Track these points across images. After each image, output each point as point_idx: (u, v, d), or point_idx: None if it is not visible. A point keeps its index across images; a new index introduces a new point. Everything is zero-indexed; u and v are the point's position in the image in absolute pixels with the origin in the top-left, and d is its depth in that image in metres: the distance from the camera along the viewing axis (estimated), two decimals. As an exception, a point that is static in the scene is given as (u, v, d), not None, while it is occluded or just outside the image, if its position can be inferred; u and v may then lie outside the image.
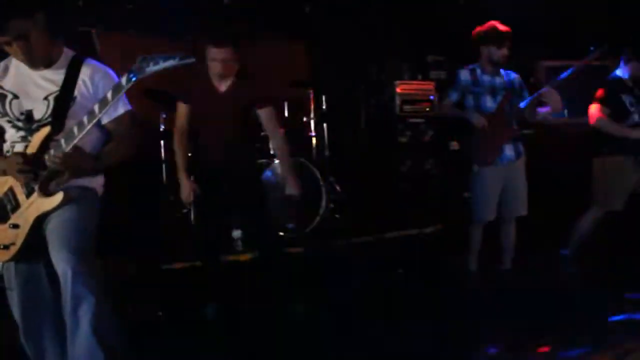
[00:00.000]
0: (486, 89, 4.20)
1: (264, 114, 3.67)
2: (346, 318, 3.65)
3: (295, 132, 5.36)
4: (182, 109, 3.62)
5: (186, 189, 3.60)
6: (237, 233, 4.43)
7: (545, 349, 2.99)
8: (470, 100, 4.22)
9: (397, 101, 6.12)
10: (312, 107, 5.63)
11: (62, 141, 2.18)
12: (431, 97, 6.30)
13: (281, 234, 4.71)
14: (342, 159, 5.93)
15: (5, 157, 2.31)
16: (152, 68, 2.06)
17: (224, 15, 6.07)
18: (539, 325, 3.30)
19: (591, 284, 4.26)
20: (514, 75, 4.30)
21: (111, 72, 2.42)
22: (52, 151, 2.19)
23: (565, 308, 3.70)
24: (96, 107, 2.13)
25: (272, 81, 5.12)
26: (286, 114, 5.53)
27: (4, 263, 2.35)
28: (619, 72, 4.49)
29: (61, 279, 2.10)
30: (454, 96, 4.25)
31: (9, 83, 2.34)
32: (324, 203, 4.90)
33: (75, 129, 2.16)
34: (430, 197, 6.01)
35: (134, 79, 2.07)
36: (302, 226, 4.83)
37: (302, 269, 4.38)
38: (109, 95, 2.11)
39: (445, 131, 6.31)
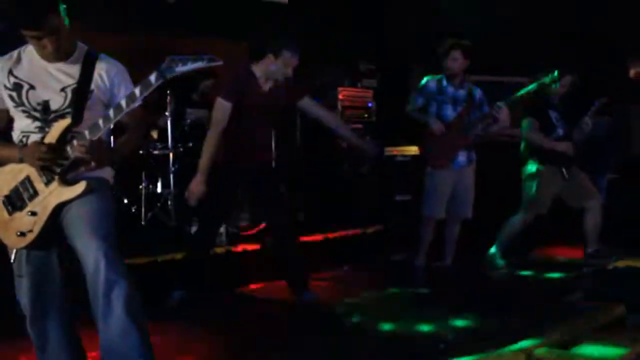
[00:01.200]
0: (449, 99, 4.58)
1: (308, 102, 3.90)
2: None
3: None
4: (224, 106, 3.62)
5: (200, 187, 3.62)
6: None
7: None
8: (433, 107, 4.58)
9: (339, 107, 6.39)
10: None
11: (87, 132, 2.25)
12: (369, 104, 6.63)
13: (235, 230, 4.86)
14: (285, 161, 6.11)
15: (24, 146, 2.33)
16: (181, 68, 2.18)
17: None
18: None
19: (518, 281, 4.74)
20: (477, 91, 4.69)
21: (123, 67, 2.51)
22: (74, 142, 2.27)
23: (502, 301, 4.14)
24: (123, 102, 2.22)
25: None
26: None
27: (17, 250, 2.38)
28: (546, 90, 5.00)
29: (91, 265, 2.17)
30: (419, 101, 4.60)
31: (23, 73, 2.35)
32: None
33: (101, 122, 2.24)
34: (366, 199, 6.31)
35: (162, 77, 2.18)
36: (253, 224, 4.99)
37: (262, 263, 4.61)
38: (137, 91, 2.20)
39: (380, 137, 6.68)
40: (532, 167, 4.92)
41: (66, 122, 2.31)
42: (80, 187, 2.28)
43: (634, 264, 3.80)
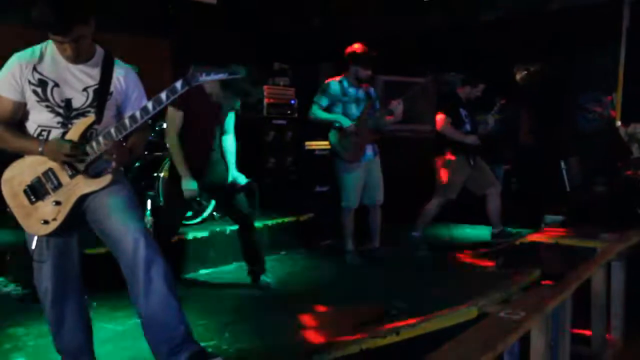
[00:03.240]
0: (352, 99, 5.03)
1: (233, 117, 4.32)
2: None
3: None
4: (177, 114, 3.98)
5: (192, 185, 3.98)
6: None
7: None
8: (338, 108, 4.99)
9: (264, 103, 6.73)
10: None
11: (112, 131, 2.49)
12: (292, 102, 7.02)
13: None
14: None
15: (45, 140, 2.51)
16: (204, 78, 2.48)
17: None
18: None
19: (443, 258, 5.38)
20: (371, 89, 5.20)
21: (135, 72, 2.75)
22: (100, 138, 2.50)
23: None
24: (150, 105, 2.48)
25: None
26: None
27: (39, 237, 2.56)
28: (458, 90, 5.69)
29: (130, 246, 2.42)
30: (324, 102, 4.99)
31: (47, 71, 2.51)
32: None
33: (127, 122, 2.48)
34: (291, 191, 6.73)
35: (188, 85, 2.48)
36: (197, 214, 5.24)
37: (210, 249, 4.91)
38: (164, 95, 2.47)
39: (301, 133, 7.10)
40: (443, 157, 5.58)
41: (90, 119, 2.53)
42: (107, 179, 2.53)
43: (537, 240, 4.49)
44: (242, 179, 4.24)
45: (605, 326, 3.52)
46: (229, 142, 4.35)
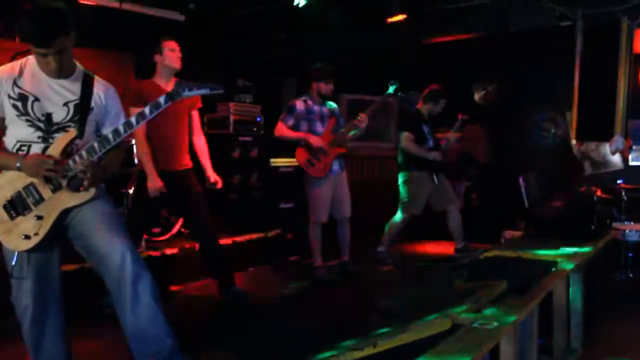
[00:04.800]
0: (316, 116, 5.14)
1: (197, 115, 4.25)
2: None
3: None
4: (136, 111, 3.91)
5: (158, 183, 3.96)
6: None
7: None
8: (304, 125, 5.09)
9: (230, 120, 6.76)
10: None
11: (96, 145, 2.51)
12: (257, 119, 7.06)
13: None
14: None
15: (25, 155, 2.50)
16: (187, 93, 2.55)
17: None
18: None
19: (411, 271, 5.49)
20: (334, 105, 5.32)
21: (114, 89, 2.78)
22: (84, 153, 2.51)
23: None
24: (133, 119, 2.52)
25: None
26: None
27: (19, 252, 2.53)
28: (419, 107, 5.85)
29: (116, 260, 2.44)
30: (290, 121, 5.07)
31: (27, 85, 2.52)
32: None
33: (111, 136, 2.51)
34: (256, 207, 6.75)
35: (171, 100, 2.52)
36: (165, 231, 5.22)
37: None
38: (147, 110, 2.52)
39: (266, 149, 7.14)
40: (407, 173, 5.72)
41: (72, 134, 2.54)
42: (90, 193, 2.53)
43: (500, 254, 4.63)
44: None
45: (566, 335, 3.67)
46: (200, 143, 4.36)
